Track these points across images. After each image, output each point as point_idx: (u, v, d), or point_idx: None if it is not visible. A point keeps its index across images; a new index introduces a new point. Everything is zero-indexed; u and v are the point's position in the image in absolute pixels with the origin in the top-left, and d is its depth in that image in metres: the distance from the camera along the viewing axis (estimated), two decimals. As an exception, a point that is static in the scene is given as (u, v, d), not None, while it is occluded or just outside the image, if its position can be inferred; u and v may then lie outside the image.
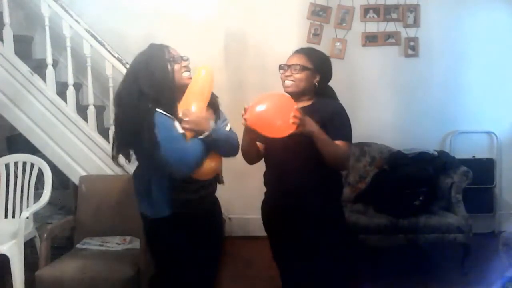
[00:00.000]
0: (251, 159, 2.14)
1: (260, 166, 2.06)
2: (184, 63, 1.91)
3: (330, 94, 2.15)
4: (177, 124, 1.79)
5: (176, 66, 1.88)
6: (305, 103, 2.07)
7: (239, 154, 2.06)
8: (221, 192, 2.10)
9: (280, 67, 2.08)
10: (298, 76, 2.02)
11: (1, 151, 3.39)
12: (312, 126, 1.85)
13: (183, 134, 1.79)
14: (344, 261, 2.13)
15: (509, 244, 2.47)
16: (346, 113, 2.06)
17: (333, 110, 2.03)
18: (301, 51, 2.09)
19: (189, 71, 1.93)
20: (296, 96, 2.04)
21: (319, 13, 3.70)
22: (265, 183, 2.21)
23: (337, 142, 1.94)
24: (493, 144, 3.82)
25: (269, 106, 1.82)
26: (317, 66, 2.05)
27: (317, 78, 2.06)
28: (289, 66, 2.04)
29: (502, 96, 3.78)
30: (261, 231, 4.00)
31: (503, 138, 3.82)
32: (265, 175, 2.20)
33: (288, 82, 2.04)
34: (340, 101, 2.15)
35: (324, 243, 2.02)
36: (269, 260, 3.35)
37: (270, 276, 3.09)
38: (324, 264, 2.03)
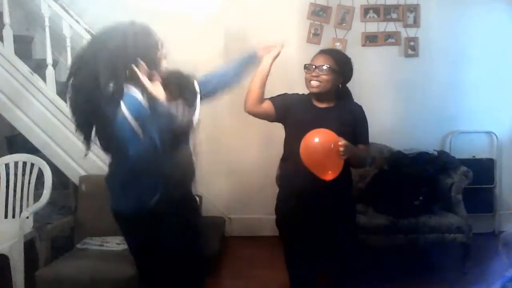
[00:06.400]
0: (253, 102, 2.15)
1: (261, 167, 2.07)
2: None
3: (348, 94, 2.21)
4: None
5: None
6: (327, 104, 2.14)
7: (241, 153, 2.07)
8: (221, 192, 2.10)
9: (306, 67, 2.10)
10: (325, 77, 2.06)
11: (1, 151, 3.39)
12: (352, 150, 1.96)
13: None
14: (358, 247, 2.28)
15: (509, 244, 2.47)
16: (365, 114, 2.18)
17: (356, 114, 2.15)
18: (328, 53, 2.13)
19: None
20: (320, 96, 2.10)
21: (319, 13, 3.70)
22: (282, 175, 2.26)
23: (361, 146, 2.10)
24: (493, 144, 3.82)
25: (319, 157, 1.92)
26: (342, 69, 2.10)
27: (341, 80, 2.12)
28: (316, 67, 2.06)
29: (502, 96, 3.78)
30: (261, 231, 4.02)
31: (503, 138, 3.82)
32: (283, 168, 2.25)
33: (314, 83, 2.07)
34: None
35: (344, 230, 2.14)
36: (269, 260, 3.36)
37: (270, 276, 3.09)
38: (345, 250, 2.15)
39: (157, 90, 1.67)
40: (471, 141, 3.80)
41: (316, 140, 1.91)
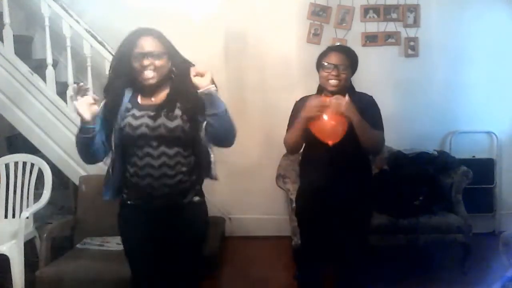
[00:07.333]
0: (295, 149, 2.29)
1: (261, 167, 2.06)
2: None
3: (352, 86, 2.29)
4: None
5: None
6: None
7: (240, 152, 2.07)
8: (221, 192, 2.09)
9: (324, 66, 2.17)
10: (344, 75, 2.16)
11: (1, 151, 3.39)
12: (356, 113, 2.07)
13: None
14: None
15: (509, 244, 2.47)
16: (377, 104, 2.25)
17: (368, 103, 2.24)
18: (340, 50, 2.21)
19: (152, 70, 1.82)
20: (337, 92, 2.18)
21: (319, 13, 3.70)
22: (304, 164, 2.34)
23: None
24: (493, 144, 3.82)
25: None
26: (354, 65, 2.22)
27: (352, 75, 2.23)
28: (335, 66, 2.14)
29: (502, 96, 3.78)
30: (261, 231, 4.01)
31: (503, 138, 3.82)
32: (305, 160, 2.33)
33: (334, 82, 2.16)
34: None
35: (354, 230, 2.25)
36: (269, 260, 3.35)
37: (270, 276, 3.09)
38: (359, 237, 2.27)
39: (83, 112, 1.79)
40: (471, 141, 3.79)
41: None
